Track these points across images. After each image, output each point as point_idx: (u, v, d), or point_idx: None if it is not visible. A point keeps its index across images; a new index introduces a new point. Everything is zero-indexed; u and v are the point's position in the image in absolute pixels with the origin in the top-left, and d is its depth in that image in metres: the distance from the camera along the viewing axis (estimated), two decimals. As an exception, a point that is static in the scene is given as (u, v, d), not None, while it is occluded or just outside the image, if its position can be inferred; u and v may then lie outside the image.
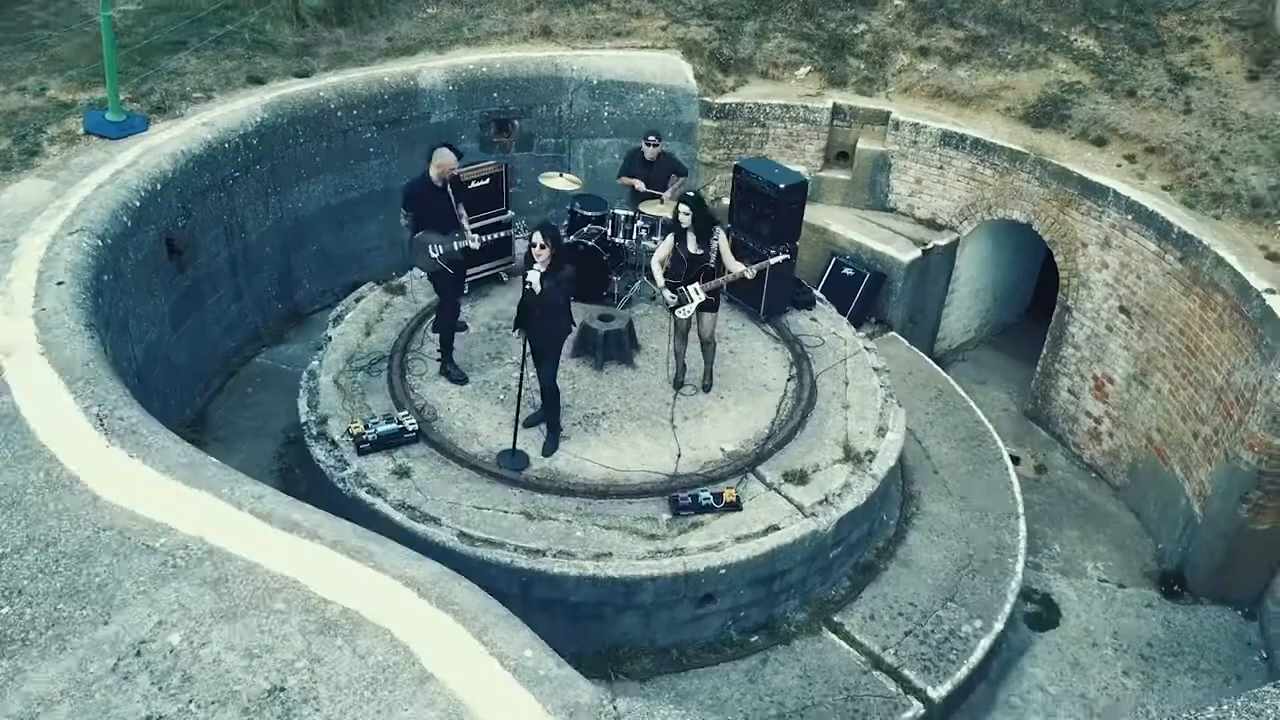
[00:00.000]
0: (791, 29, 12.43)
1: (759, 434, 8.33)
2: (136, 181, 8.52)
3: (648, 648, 7.39)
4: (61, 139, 9.20)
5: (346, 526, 5.22)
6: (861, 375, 9.20)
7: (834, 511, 7.68)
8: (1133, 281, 10.09)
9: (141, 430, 5.75)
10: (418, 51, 11.71)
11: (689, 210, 8.08)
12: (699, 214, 8.15)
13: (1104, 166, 10.44)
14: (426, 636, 4.61)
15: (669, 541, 7.26)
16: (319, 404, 8.37)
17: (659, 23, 12.61)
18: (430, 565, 5.03)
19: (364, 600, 4.77)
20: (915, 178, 11.79)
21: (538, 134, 12.04)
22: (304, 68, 10.97)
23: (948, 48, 11.96)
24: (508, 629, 4.68)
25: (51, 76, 10.02)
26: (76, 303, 6.86)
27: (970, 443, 9.90)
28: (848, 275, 11.42)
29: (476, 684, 4.40)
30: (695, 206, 8.13)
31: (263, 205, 10.24)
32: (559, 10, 12.61)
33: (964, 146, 11.28)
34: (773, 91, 12.01)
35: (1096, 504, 10.48)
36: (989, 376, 12.42)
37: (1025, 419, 11.73)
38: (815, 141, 11.95)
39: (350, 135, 10.85)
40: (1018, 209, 11.05)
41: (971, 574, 8.38)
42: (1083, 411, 10.99)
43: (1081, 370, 10.92)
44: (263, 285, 10.59)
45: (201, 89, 10.27)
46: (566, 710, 4.31)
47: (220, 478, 5.45)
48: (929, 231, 11.77)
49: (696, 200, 8.19)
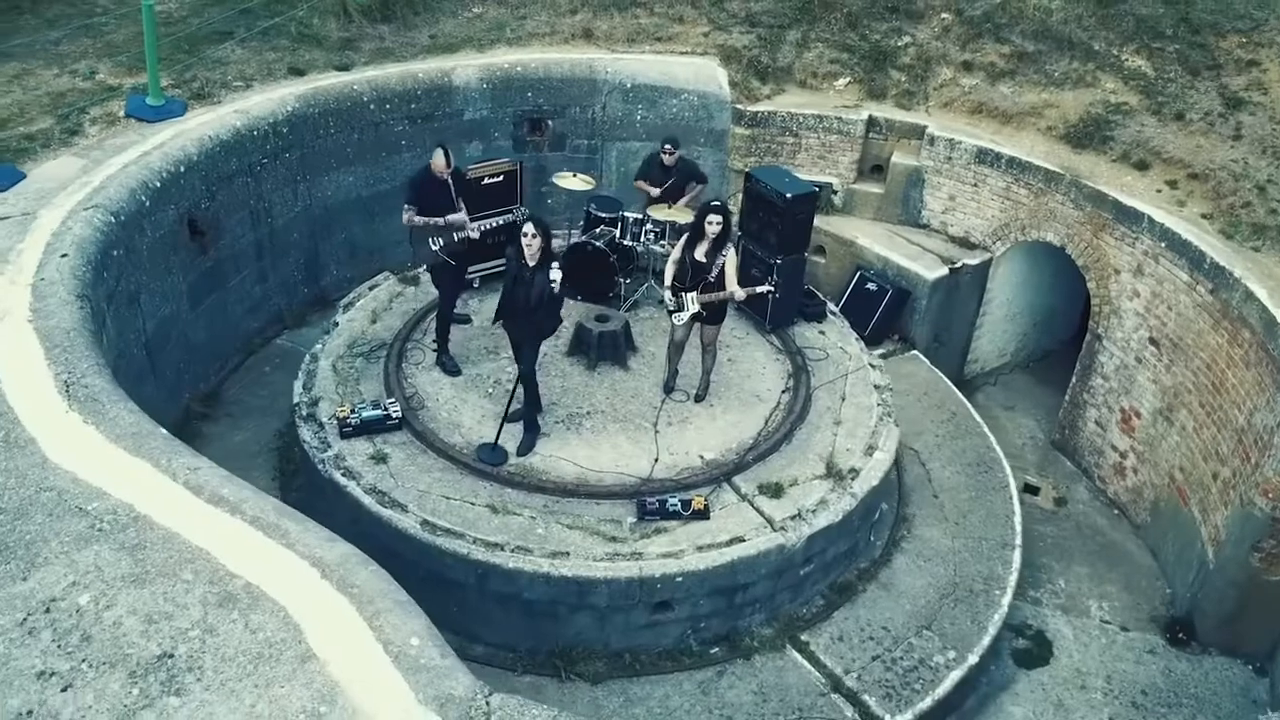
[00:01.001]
0: (834, 39, 12.25)
1: (742, 444, 8.23)
2: (159, 163, 8.87)
3: (602, 650, 7.37)
4: (102, 120, 9.64)
5: (270, 503, 5.34)
6: (861, 392, 9.01)
7: (805, 527, 7.53)
8: (1163, 312, 9.65)
9: (102, 399, 5.98)
10: (459, 50, 11.91)
11: (720, 221, 7.99)
12: (728, 224, 8.06)
13: (1143, 191, 10.01)
14: (319, 616, 4.68)
15: (629, 545, 7.23)
16: (314, 386, 8.58)
17: (701, 29, 12.57)
18: (342, 547, 5.11)
19: (268, 576, 4.87)
20: (949, 194, 11.49)
21: (571, 135, 12.13)
22: (345, 61, 11.27)
23: (992, 63, 11.62)
24: (401, 616, 4.72)
25: (102, 61, 10.52)
26: (74, 274, 7.17)
27: (977, 468, 9.59)
28: (870, 290, 11.19)
29: (356, 667, 4.46)
30: (726, 217, 8.03)
31: (291, 192, 10.55)
32: (602, 13, 12.68)
33: (999, 164, 10.95)
34: (809, 101, 11.85)
35: (1114, 542, 10.05)
36: (1019, 402, 12.03)
37: (1052, 449, 11.32)
38: (848, 153, 11.74)
39: (382, 128, 11.10)
40: (1051, 231, 10.68)
41: (954, 603, 8.12)
42: (1109, 445, 10.55)
43: (1109, 402, 10.49)
44: (289, 270, 10.91)
45: (243, 78, 10.64)
46: (438, 701, 4.33)
47: (162, 449, 5.63)
48: (961, 250, 11.46)
49: (724, 210, 8.09)
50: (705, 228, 7.96)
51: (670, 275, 8.27)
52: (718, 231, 7.96)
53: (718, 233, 7.96)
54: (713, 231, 7.96)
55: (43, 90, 9.93)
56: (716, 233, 7.96)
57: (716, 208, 8.01)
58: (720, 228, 7.95)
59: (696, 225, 8.06)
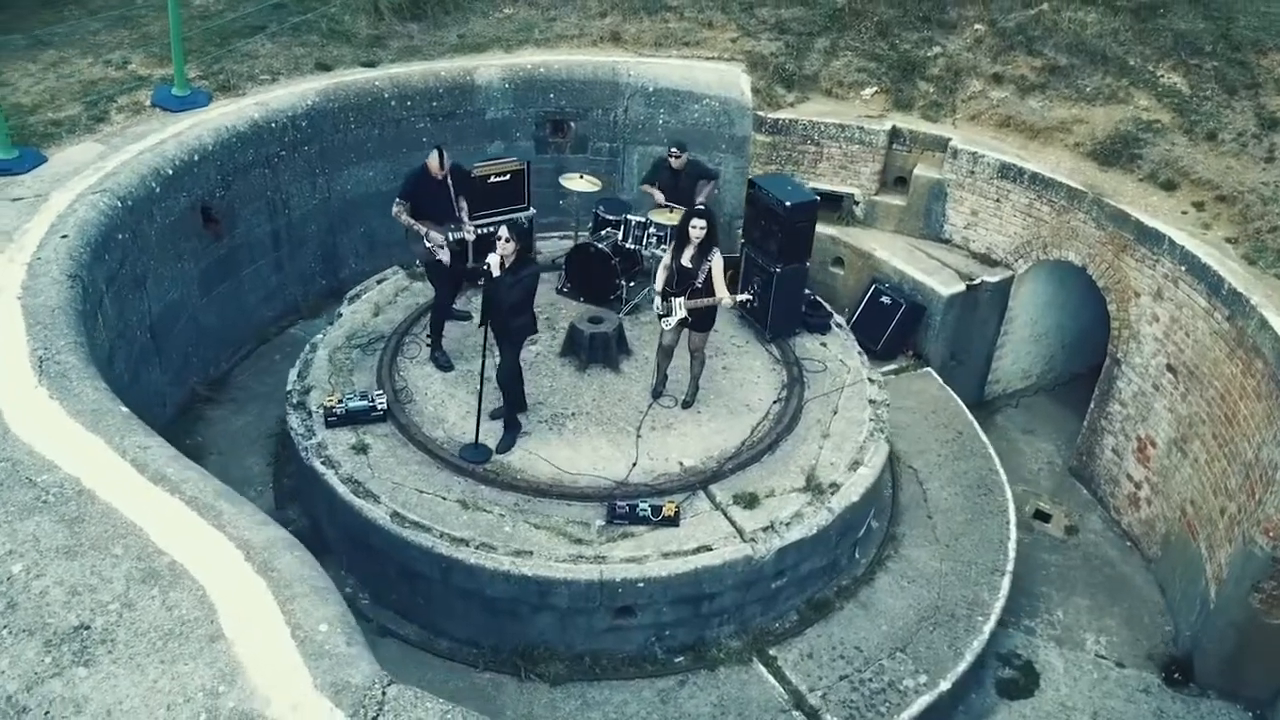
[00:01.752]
0: (863, 48, 12.06)
1: (724, 452, 8.13)
2: (174, 151, 9.12)
3: (564, 652, 7.35)
4: (129, 109, 9.95)
5: (211, 485, 5.43)
6: (854, 406, 8.84)
7: (775, 540, 7.41)
8: (1181, 338, 9.29)
9: (71, 375, 6.15)
10: (487, 49, 12.02)
11: (703, 225, 7.94)
12: (712, 229, 8.00)
13: (1168, 212, 9.66)
14: (235, 598, 4.74)
15: (593, 548, 7.19)
16: (308, 375, 8.73)
17: (730, 34, 12.49)
18: (271, 531, 5.17)
19: (194, 556, 4.95)
20: (971, 209, 11.22)
21: (593, 137, 12.15)
22: (372, 58, 11.46)
23: (1023, 76, 11.33)
24: (315, 602, 4.75)
25: (136, 51, 10.86)
26: (70, 255, 7.40)
27: (976, 490, 9.33)
28: (885, 304, 10.98)
29: (261, 650, 4.50)
30: (710, 221, 7.98)
31: (309, 185, 10.75)
32: (632, 17, 12.69)
33: (1021, 180, 10.66)
34: (833, 110, 11.69)
35: (1122, 575, 9.69)
36: (1040, 427, 11.69)
37: (1069, 476, 10.98)
38: (870, 164, 11.55)
39: (403, 125, 11.25)
40: (1073, 250, 10.36)
41: (933, 627, 7.91)
42: (1125, 474, 10.19)
43: (1126, 430, 10.13)
44: (306, 261, 11.12)
45: (270, 72, 10.89)
46: (335, 688, 4.34)
47: (118, 426, 5.77)
48: (981, 266, 11.18)
49: (709, 214, 8.05)
50: (689, 232, 7.90)
51: (661, 280, 8.22)
52: (701, 236, 7.88)
53: (701, 237, 7.89)
54: (696, 236, 7.89)
55: (76, 78, 10.28)
56: (700, 237, 7.88)
57: (699, 212, 7.94)
58: (704, 232, 7.87)
59: (681, 230, 8.00)
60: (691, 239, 7.93)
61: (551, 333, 9.32)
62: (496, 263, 7.22)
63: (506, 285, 7.33)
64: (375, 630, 7.61)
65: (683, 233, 8.00)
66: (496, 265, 7.22)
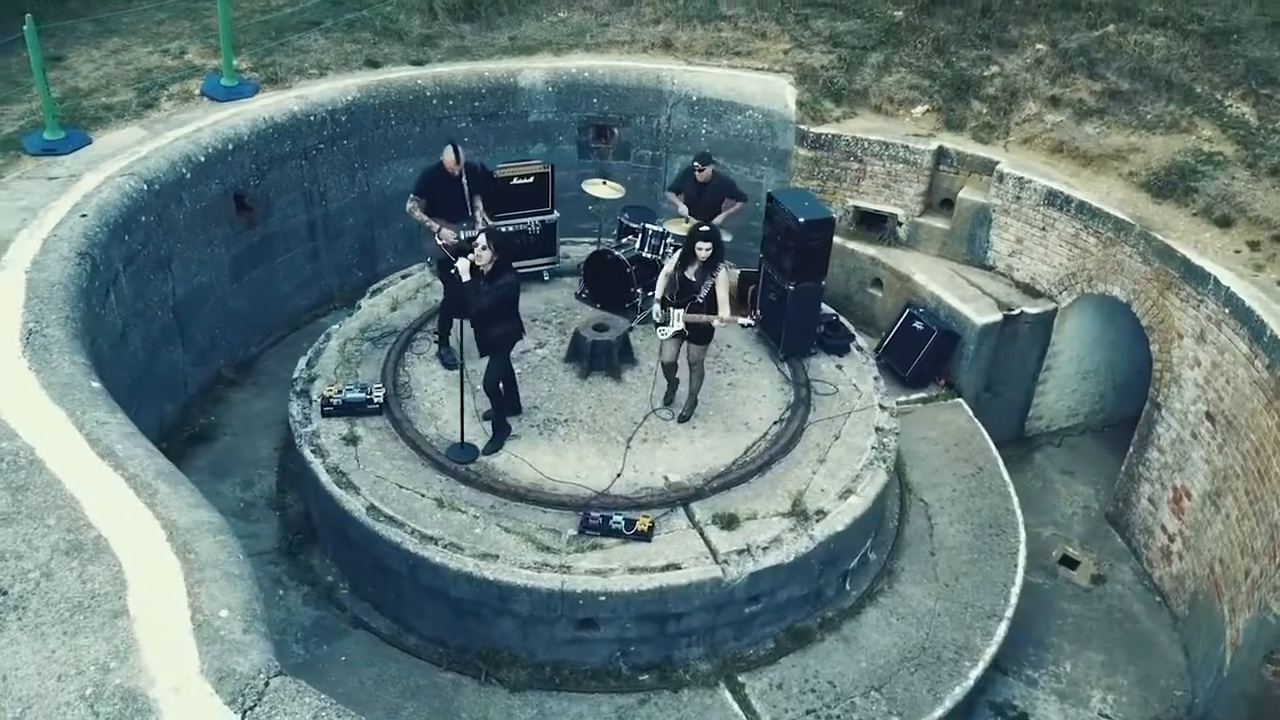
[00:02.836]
0: (917, 65, 11.70)
1: (712, 470, 7.95)
2: (208, 139, 9.41)
3: (526, 659, 7.28)
4: (178, 97, 10.32)
5: (155, 464, 5.53)
6: (858, 432, 8.54)
7: (749, 564, 7.20)
8: (1221, 385, 8.71)
9: (53, 349, 6.37)
10: (537, 52, 12.08)
11: (709, 248, 7.83)
12: (717, 250, 7.89)
13: (1219, 250, 9.07)
14: (147, 577, 4.81)
15: (560, 557, 7.10)
16: (316, 364, 8.88)
17: (782, 46, 12.28)
18: (200, 514, 5.23)
19: (119, 532, 5.05)
20: (1016, 236, 10.75)
21: (635, 144, 12.10)
22: (421, 57, 11.63)
23: (1081, 100, 10.81)
24: (223, 587, 4.79)
25: (194, 41, 11.26)
26: (85, 234, 7.69)
27: (988, 530, 8.91)
28: (917, 330, 10.60)
29: (160, 630, 4.55)
30: (715, 243, 7.87)
31: (348, 178, 10.96)
32: (685, 24, 12.58)
33: (1068, 208, 10.16)
34: (879, 127, 11.36)
35: (1145, 632, 9.13)
36: (1081, 468, 11.11)
37: (1104, 521, 10.40)
38: (914, 184, 11.18)
39: (445, 124, 11.38)
40: (1118, 285, 9.82)
41: (916, 668, 7.57)
42: (1159, 525, 9.61)
43: (1163, 478, 9.54)
44: (343, 252, 11.34)
45: (319, 67, 11.15)
46: (219, 674, 4.36)
47: (82, 400, 5.94)
48: (1024, 296, 10.70)
49: (715, 236, 7.93)
50: (695, 251, 7.78)
51: (661, 289, 8.11)
52: (706, 256, 7.77)
53: (707, 257, 7.77)
54: (702, 256, 7.78)
55: (133, 65, 10.72)
56: (705, 257, 7.77)
57: (706, 234, 7.82)
58: (709, 253, 7.75)
59: (688, 247, 7.88)
60: (698, 257, 7.82)
61: (562, 337, 9.28)
62: (466, 268, 7.20)
63: (481, 292, 7.31)
64: (349, 621, 7.69)
65: (689, 251, 7.88)
66: (466, 270, 7.20)
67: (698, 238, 7.83)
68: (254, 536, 8.33)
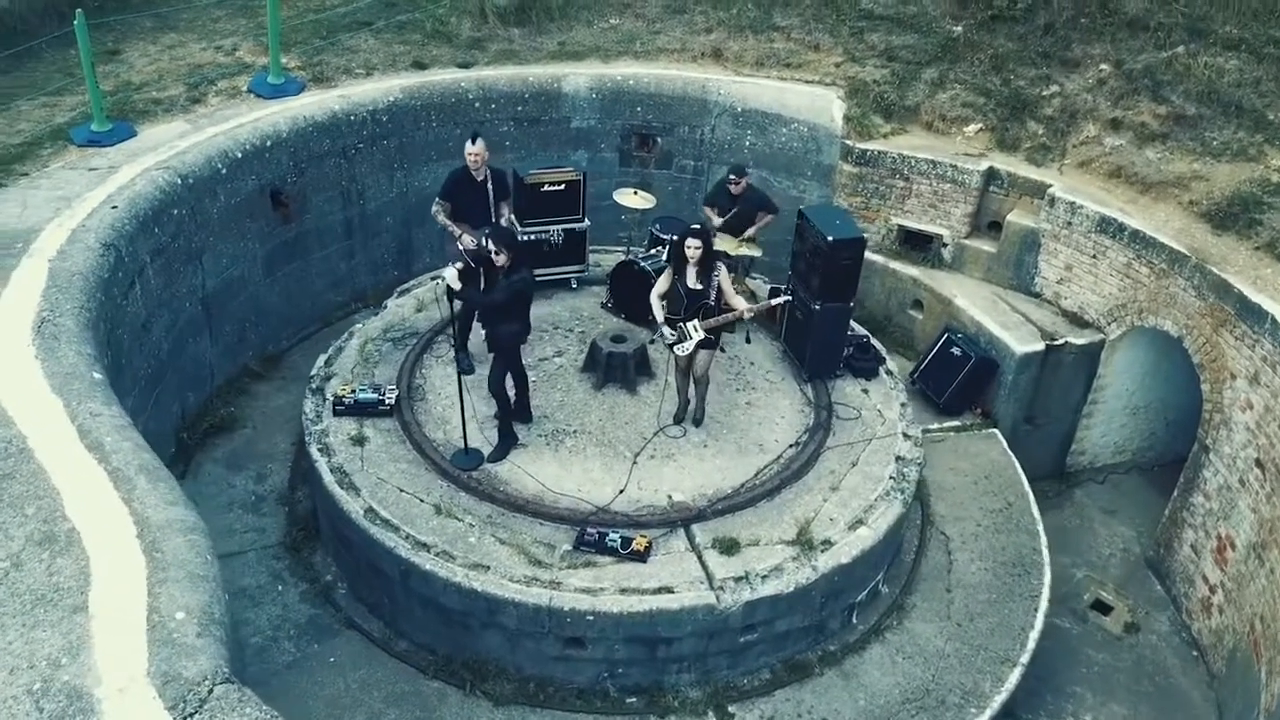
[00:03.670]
0: (973, 82, 11.31)
1: (719, 492, 7.76)
2: (246, 135, 9.54)
3: (513, 673, 7.18)
4: (226, 93, 10.50)
5: (140, 459, 5.57)
6: (877, 460, 8.25)
7: (745, 592, 6.99)
8: (1274, 431, 8.20)
9: (61, 337, 6.48)
10: (584, 58, 12.02)
11: (699, 245, 7.67)
12: (708, 246, 7.75)
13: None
14: (111, 574, 4.83)
15: (551, 572, 6.99)
16: (334, 362, 8.93)
17: (835, 58, 12.00)
18: (176, 512, 5.24)
19: (93, 526, 5.09)
20: (1065, 263, 10.31)
21: (678, 154, 11.95)
22: (468, 60, 11.66)
23: (1144, 123, 10.31)
24: (184, 588, 4.78)
25: (247, 39, 11.46)
26: (113, 225, 7.84)
27: (1010, 569, 8.53)
28: (954, 355, 10.23)
29: (115, 628, 4.56)
30: (704, 239, 7.72)
31: (386, 178, 11.03)
32: (737, 34, 12.39)
33: (1121, 236, 9.71)
34: (928, 144, 11.02)
35: (1177, 688, 8.65)
36: (1124, 508, 10.61)
37: (1143, 566, 9.91)
38: (962, 205, 10.81)
39: (486, 127, 11.34)
40: (1170, 319, 9.34)
41: (917, 710, 7.26)
42: (1200, 574, 9.10)
43: (1208, 525, 9.04)
44: (380, 251, 11.41)
45: (366, 67, 11.25)
46: (165, 677, 4.34)
47: (81, 391, 6.02)
48: (1070, 326, 10.26)
49: (704, 233, 7.78)
50: (685, 253, 7.60)
51: (659, 310, 7.93)
52: (698, 255, 7.59)
53: (698, 256, 7.58)
54: (693, 255, 7.61)
55: (186, 60, 10.95)
56: (697, 256, 7.59)
57: (695, 231, 7.64)
58: (700, 250, 7.57)
59: (677, 251, 7.71)
60: (689, 259, 7.65)
61: (582, 346, 9.17)
62: (453, 275, 7.15)
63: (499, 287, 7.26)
64: (342, 621, 7.69)
65: (680, 255, 7.71)
66: (454, 278, 7.15)
67: (687, 235, 7.65)
68: (261, 530, 8.42)
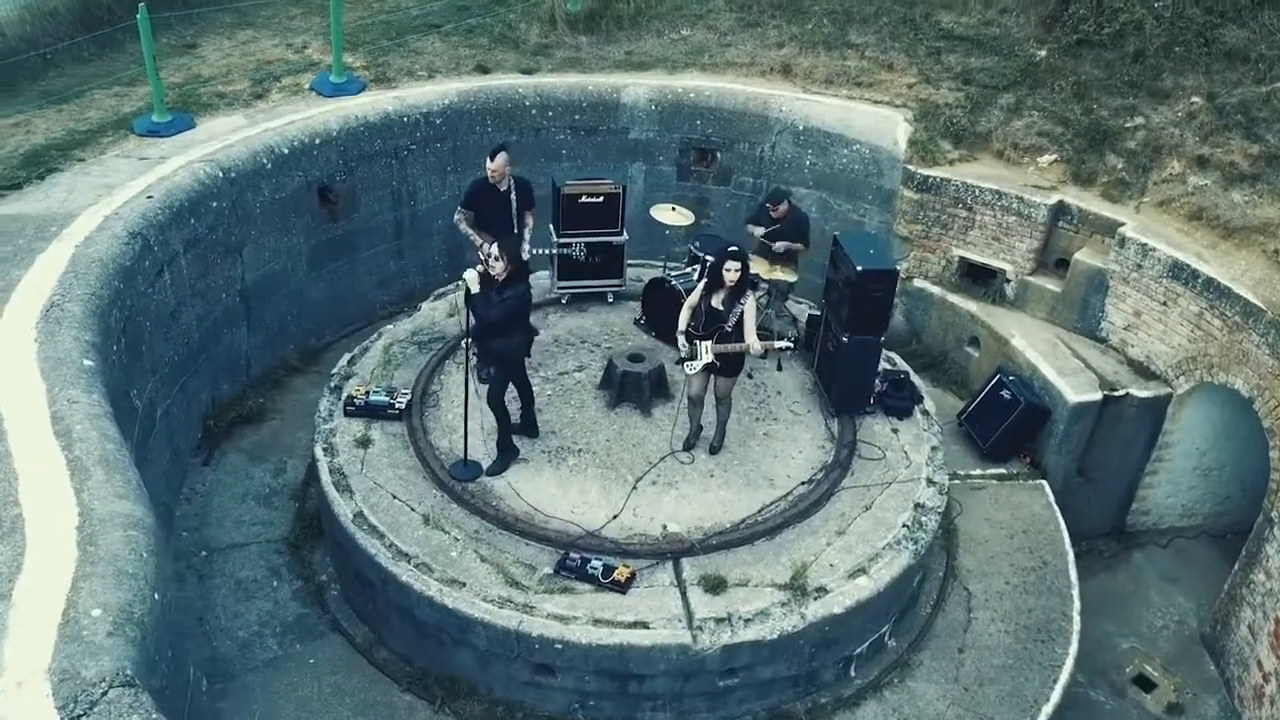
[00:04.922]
0: (1051, 110, 10.64)
1: (716, 526, 7.44)
2: (294, 132, 9.69)
3: (484, 694, 7.03)
4: (288, 89, 10.72)
5: (102, 450, 5.62)
6: (894, 506, 7.79)
7: (725, 634, 6.66)
8: (1342, 510, 7.40)
9: (64, 323, 6.64)
10: (650, 69, 11.84)
11: (738, 269, 7.40)
12: (746, 272, 7.46)
13: (1364, 352, 7.73)
14: (42, 564, 4.87)
15: (526, 595, 6.80)
16: (357, 361, 8.97)
17: (908, 79, 11.49)
18: (123, 506, 5.26)
19: (38, 514, 5.15)
20: (1134, 309, 9.58)
21: (737, 170, 11.65)
22: (532, 66, 11.62)
23: (1233, 163, 9.50)
24: (109, 585, 4.78)
25: (317, 37, 11.67)
26: (144, 215, 8.04)
27: (1035, 634, 7.94)
28: (1004, 398, 9.63)
29: (28, 620, 4.58)
30: (744, 264, 7.44)
31: (439, 180, 11.07)
32: (809, 50, 11.99)
33: (1194, 284, 8.96)
34: (996, 174, 10.42)
35: (1217, 781, 7.90)
36: (1187, 576, 9.80)
37: (1199, 643, 9.11)
38: (1026, 240, 10.18)
39: (543, 134, 11.32)
40: (1241, 377, 8.57)
41: (904, 779, 6.80)
42: (1255, 659, 8.30)
43: (1267, 606, 8.24)
44: (430, 253, 11.46)
45: (429, 69, 11.33)
46: (63, 675, 4.34)
47: (68, 377, 6.14)
48: (1134, 377, 9.54)
49: (743, 255, 7.51)
50: (723, 275, 7.32)
51: (685, 321, 7.69)
52: (735, 279, 7.30)
53: (735, 280, 7.30)
54: (730, 279, 7.32)
55: (256, 57, 11.22)
56: (734, 280, 7.30)
57: (734, 254, 7.36)
58: (738, 275, 7.28)
59: (714, 272, 7.43)
60: (725, 281, 7.37)
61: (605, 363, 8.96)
62: (474, 279, 7.04)
63: (491, 303, 7.13)
64: (329, 624, 7.68)
65: (716, 274, 7.43)
66: (475, 281, 7.03)
67: (726, 258, 7.37)
68: (269, 524, 8.50)
